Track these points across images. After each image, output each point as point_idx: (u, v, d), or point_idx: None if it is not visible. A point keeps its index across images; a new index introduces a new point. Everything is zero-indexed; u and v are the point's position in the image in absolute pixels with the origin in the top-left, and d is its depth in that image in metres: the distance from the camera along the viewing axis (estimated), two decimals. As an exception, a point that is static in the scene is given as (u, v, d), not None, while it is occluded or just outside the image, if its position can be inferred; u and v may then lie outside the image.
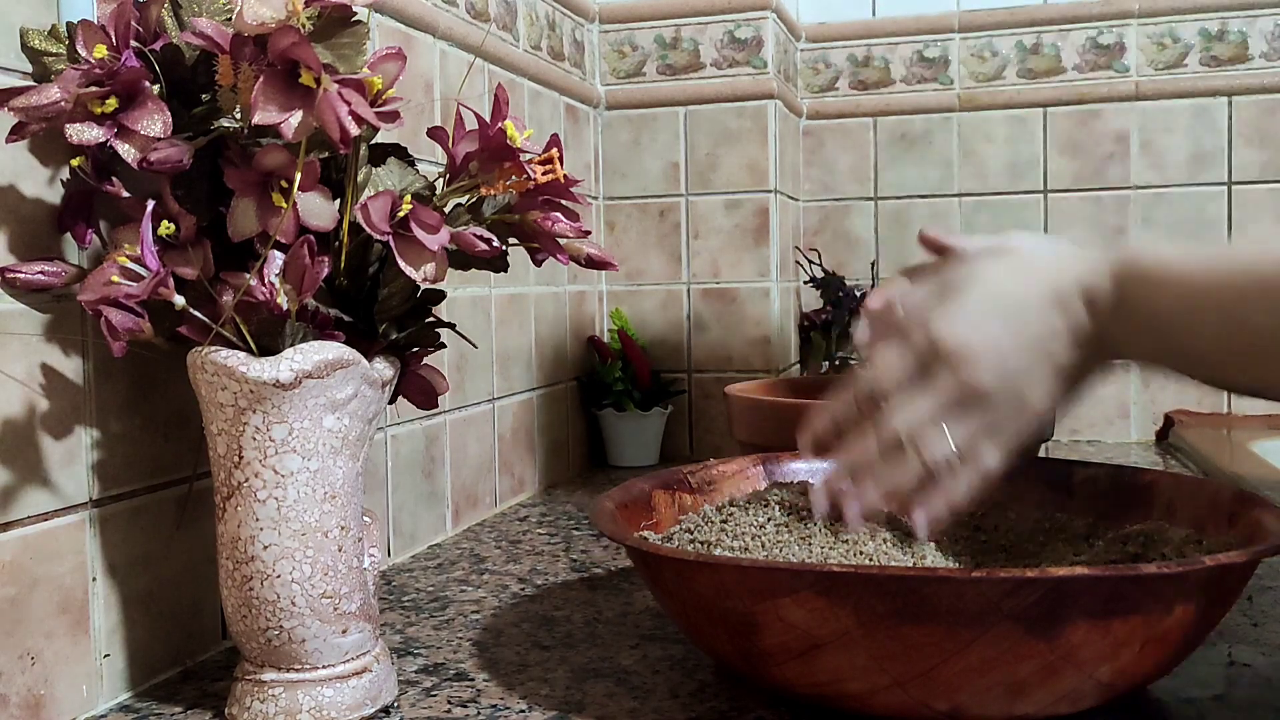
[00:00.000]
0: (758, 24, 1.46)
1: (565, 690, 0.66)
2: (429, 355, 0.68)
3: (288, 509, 0.58)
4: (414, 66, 1.01)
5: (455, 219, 0.63)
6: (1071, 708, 0.58)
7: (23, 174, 0.60)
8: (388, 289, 0.62)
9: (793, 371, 1.58)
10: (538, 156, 0.64)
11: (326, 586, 0.60)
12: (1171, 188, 1.54)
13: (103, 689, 0.65)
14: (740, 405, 1.07)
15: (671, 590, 0.62)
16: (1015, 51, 1.58)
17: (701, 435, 1.51)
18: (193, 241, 0.59)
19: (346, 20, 0.55)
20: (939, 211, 1.61)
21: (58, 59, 0.58)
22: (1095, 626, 0.54)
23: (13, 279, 0.58)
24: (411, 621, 0.81)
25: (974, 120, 1.60)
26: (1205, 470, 1.26)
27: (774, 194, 1.47)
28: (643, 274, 1.51)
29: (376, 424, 0.63)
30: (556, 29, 1.37)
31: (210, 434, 0.59)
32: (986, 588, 0.52)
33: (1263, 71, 1.51)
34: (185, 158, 0.56)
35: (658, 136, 1.49)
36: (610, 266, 0.69)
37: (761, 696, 0.64)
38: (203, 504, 0.72)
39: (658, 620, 0.79)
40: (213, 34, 0.55)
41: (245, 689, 0.61)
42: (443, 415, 1.07)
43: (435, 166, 1.01)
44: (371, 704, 0.63)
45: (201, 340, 0.58)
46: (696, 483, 0.81)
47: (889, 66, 1.63)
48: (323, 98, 0.53)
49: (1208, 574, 0.55)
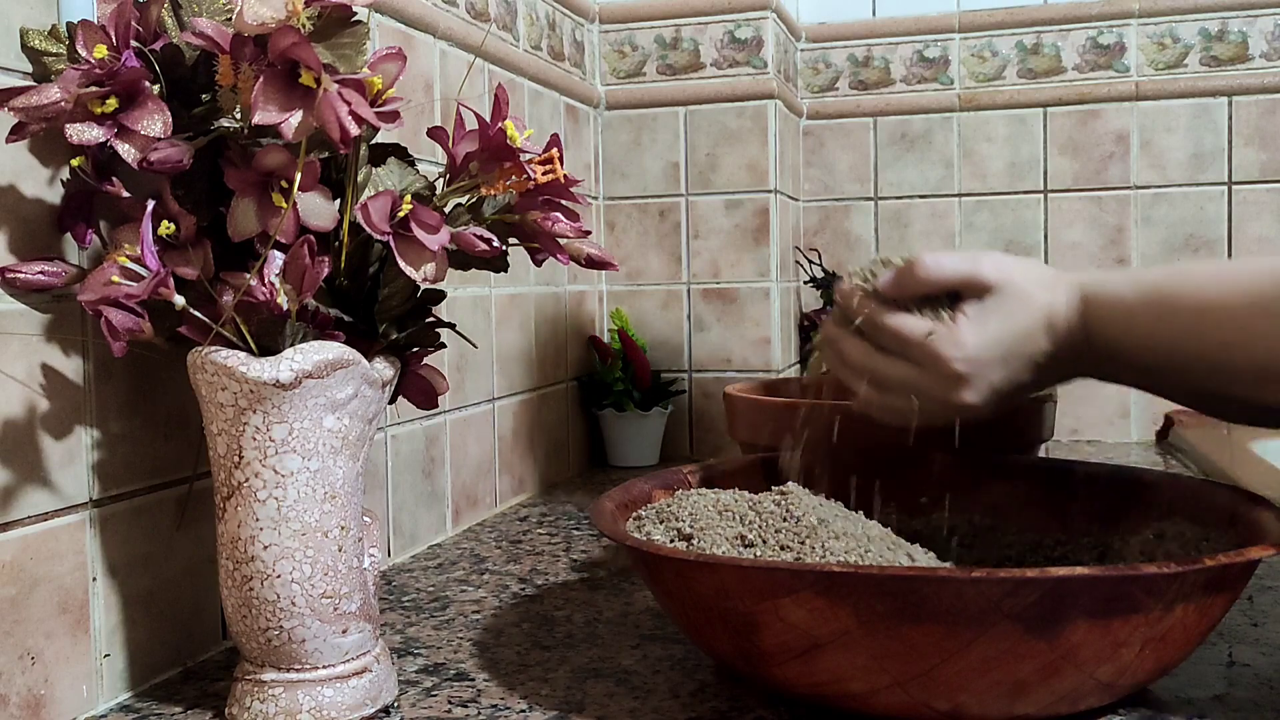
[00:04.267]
0: (758, 24, 1.46)
1: (565, 690, 0.66)
2: (429, 355, 0.68)
3: (288, 509, 0.58)
4: (414, 66, 1.01)
5: (455, 219, 0.63)
6: (1071, 708, 0.58)
7: (23, 174, 0.60)
8: (388, 289, 0.62)
9: (792, 371, 1.58)
10: (538, 156, 0.64)
11: (326, 586, 0.60)
12: (1171, 188, 1.54)
13: (103, 689, 0.65)
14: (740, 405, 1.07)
15: (671, 590, 0.62)
16: (1015, 51, 1.58)
17: (701, 435, 1.51)
18: (193, 241, 0.59)
19: (346, 20, 0.55)
20: (939, 211, 1.61)
21: (58, 59, 0.58)
22: (1095, 626, 0.54)
23: (13, 279, 0.58)
24: (412, 621, 0.81)
25: (974, 120, 1.60)
26: (1205, 470, 1.26)
27: (774, 194, 1.47)
28: (643, 274, 1.51)
29: (376, 424, 0.63)
30: (556, 29, 1.37)
31: (210, 434, 0.59)
32: (986, 587, 0.52)
33: (1263, 71, 1.51)
34: (185, 158, 0.56)
35: (658, 136, 1.49)
36: (610, 266, 0.69)
37: (761, 696, 0.64)
38: (203, 504, 0.72)
39: (658, 620, 0.79)
40: (213, 34, 0.55)
41: (245, 689, 0.61)
42: (443, 415, 1.07)
43: (435, 166, 1.01)
44: (371, 704, 0.63)
45: (201, 340, 0.58)
46: (696, 483, 0.81)
47: (889, 66, 1.63)
48: (323, 98, 0.53)
49: (1208, 574, 0.55)
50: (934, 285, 0.70)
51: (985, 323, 0.69)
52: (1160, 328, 0.67)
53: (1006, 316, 0.69)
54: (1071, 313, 0.70)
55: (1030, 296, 0.69)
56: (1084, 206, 1.57)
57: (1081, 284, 0.70)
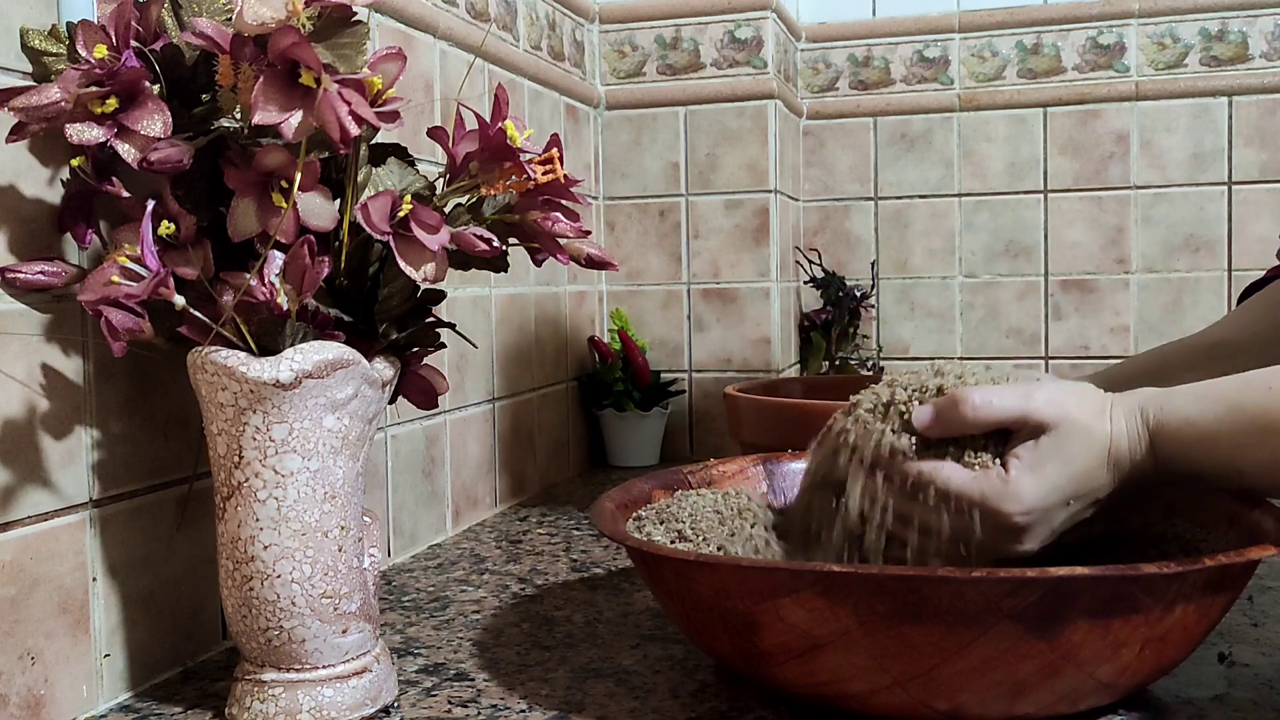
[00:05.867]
0: (758, 24, 1.46)
1: (565, 690, 0.66)
2: (429, 355, 0.68)
3: (288, 509, 0.58)
4: (414, 66, 1.01)
5: (455, 219, 0.63)
6: (1071, 708, 0.58)
7: (23, 174, 0.60)
8: (388, 289, 0.62)
9: (792, 371, 1.58)
10: (538, 156, 0.64)
11: (326, 586, 0.60)
12: (1171, 188, 1.54)
13: (103, 689, 0.65)
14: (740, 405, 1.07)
15: (671, 590, 0.62)
16: (1015, 51, 1.58)
17: (701, 435, 1.51)
18: (193, 241, 0.59)
19: (346, 20, 0.55)
20: (939, 211, 1.61)
21: (58, 59, 0.58)
22: (1095, 626, 0.54)
23: (13, 279, 0.58)
24: (412, 621, 0.81)
25: (974, 120, 1.60)
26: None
27: (774, 194, 1.47)
28: (643, 274, 1.51)
29: (376, 424, 0.63)
30: (556, 29, 1.37)
31: (210, 434, 0.59)
32: (986, 588, 0.52)
33: (1263, 71, 1.51)
34: (185, 158, 0.56)
35: (658, 136, 1.49)
36: (610, 266, 0.69)
37: (761, 696, 0.64)
38: (203, 504, 0.72)
39: (658, 620, 0.79)
40: (213, 34, 0.55)
41: (245, 689, 0.61)
42: (443, 415, 1.07)
43: (435, 166, 1.00)
44: (371, 704, 0.63)
45: (201, 340, 0.58)
46: (696, 483, 0.81)
47: (889, 66, 1.63)
48: (323, 98, 0.53)
49: (1208, 574, 0.55)
50: (982, 427, 0.64)
51: (1043, 469, 0.62)
52: (1245, 450, 0.62)
53: (1067, 460, 0.63)
54: (1137, 444, 0.64)
55: (1089, 432, 0.63)
56: (1084, 206, 1.57)
57: (1143, 407, 0.64)
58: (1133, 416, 0.64)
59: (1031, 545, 0.64)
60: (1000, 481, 0.62)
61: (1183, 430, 0.63)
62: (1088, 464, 0.63)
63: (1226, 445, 0.62)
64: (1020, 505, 0.62)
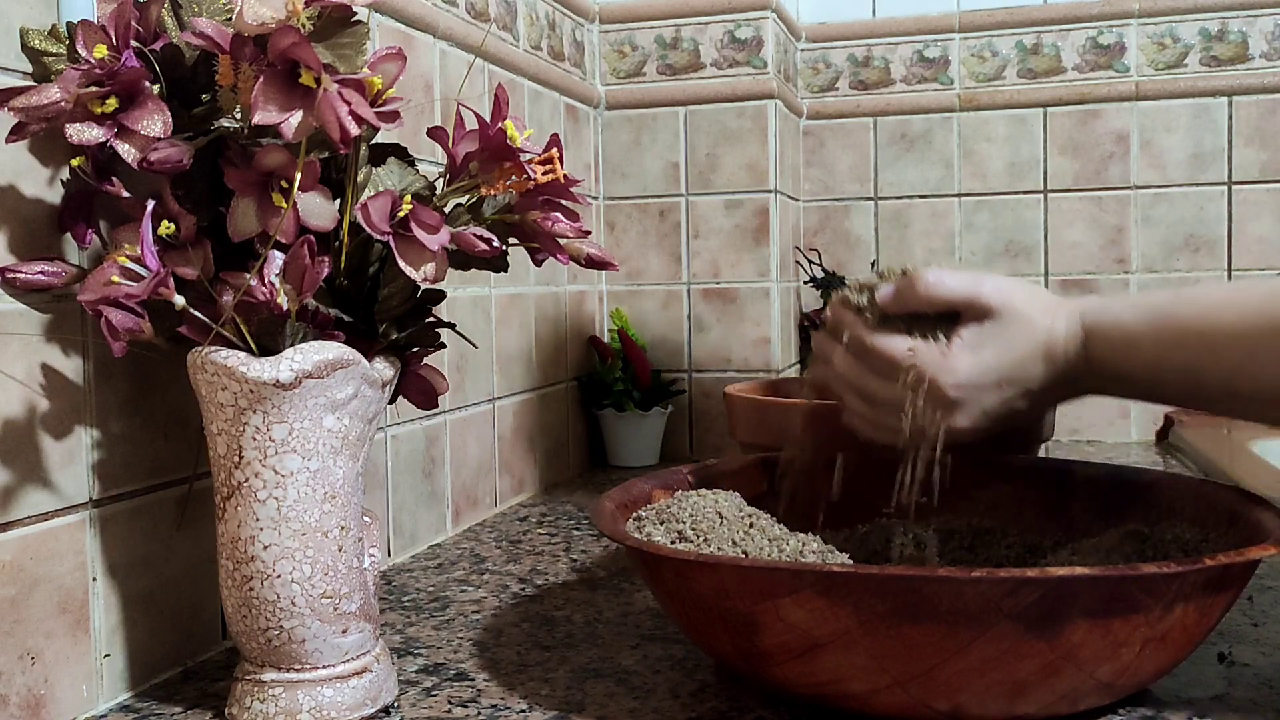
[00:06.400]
0: (758, 24, 1.46)
1: (565, 690, 0.66)
2: (429, 355, 0.68)
3: (288, 509, 0.58)
4: (414, 66, 1.01)
5: (455, 219, 0.63)
6: (1071, 708, 0.58)
7: (23, 174, 0.60)
8: (388, 289, 0.62)
9: (792, 371, 1.58)
10: (538, 156, 0.64)
11: (326, 586, 0.60)
12: (1171, 188, 1.54)
13: (103, 689, 0.65)
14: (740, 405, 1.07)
15: (671, 590, 0.62)
16: (1015, 51, 1.58)
17: (701, 435, 1.51)
18: (193, 241, 0.59)
19: (346, 20, 0.55)
20: (939, 211, 1.61)
21: (58, 59, 0.58)
22: (1095, 626, 0.54)
23: (13, 279, 0.58)
24: (412, 621, 0.81)
25: (974, 120, 1.60)
26: (1205, 470, 1.26)
27: (774, 194, 1.47)
28: (643, 274, 1.51)
29: (376, 424, 0.63)
30: (556, 29, 1.37)
31: (210, 434, 0.59)
32: (986, 587, 0.52)
33: (1263, 71, 1.51)
34: (185, 158, 0.56)
35: (658, 136, 1.49)
36: (610, 266, 0.69)
37: (761, 696, 0.64)
38: (203, 504, 0.72)
39: (658, 620, 0.79)
40: (213, 34, 0.55)
41: (245, 689, 0.61)
42: (443, 415, 1.07)
43: (435, 166, 1.01)
44: (371, 704, 0.63)
45: (201, 340, 0.58)
46: (696, 483, 0.81)
47: (889, 66, 1.63)
48: (323, 98, 0.53)
49: (1208, 574, 0.55)
50: (935, 303, 0.70)
51: (981, 349, 0.69)
52: (1165, 354, 0.67)
53: (1004, 344, 0.69)
54: (1071, 340, 0.69)
55: (1030, 323, 0.69)
56: (1084, 206, 1.57)
57: (1083, 311, 0.70)
58: (1074, 317, 0.69)
59: (964, 421, 0.69)
60: (940, 355, 0.69)
61: (1111, 332, 0.68)
62: (1024, 353, 0.69)
63: (1150, 349, 0.67)
64: (953, 378, 0.68)
